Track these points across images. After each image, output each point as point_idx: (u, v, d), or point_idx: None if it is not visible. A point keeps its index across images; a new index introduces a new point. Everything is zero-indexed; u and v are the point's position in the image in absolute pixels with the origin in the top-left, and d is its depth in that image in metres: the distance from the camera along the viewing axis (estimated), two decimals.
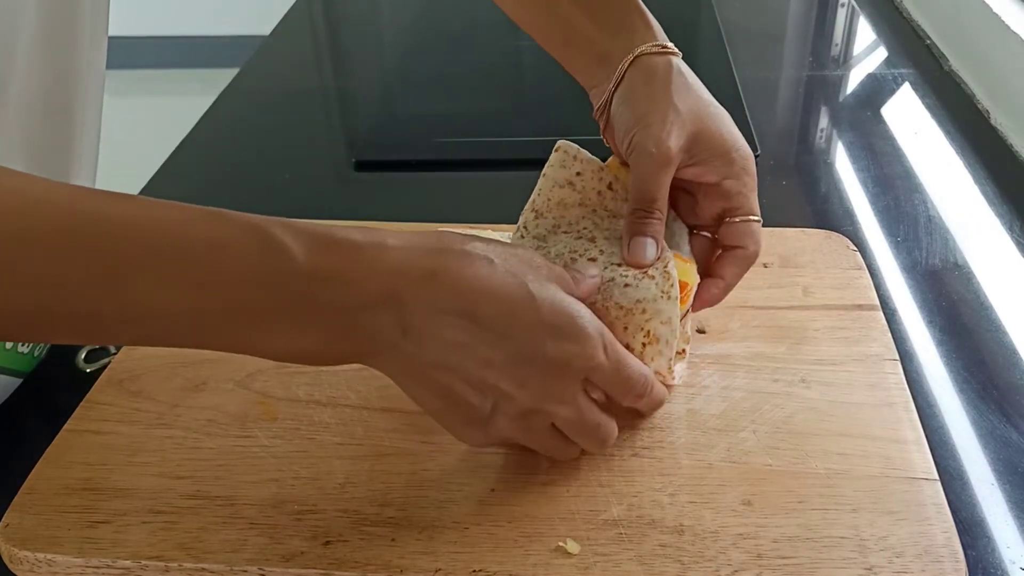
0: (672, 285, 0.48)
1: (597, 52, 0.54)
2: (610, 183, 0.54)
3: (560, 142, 0.54)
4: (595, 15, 0.55)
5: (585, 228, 0.53)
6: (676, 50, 0.54)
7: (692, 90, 0.52)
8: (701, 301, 0.53)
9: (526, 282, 0.42)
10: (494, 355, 0.41)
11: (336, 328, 0.39)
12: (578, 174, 0.54)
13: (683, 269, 0.50)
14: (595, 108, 0.55)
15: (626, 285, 0.48)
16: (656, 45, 0.53)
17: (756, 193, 0.52)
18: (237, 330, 0.39)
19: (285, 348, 0.40)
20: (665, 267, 0.49)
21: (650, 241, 0.50)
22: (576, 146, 0.54)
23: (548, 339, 0.42)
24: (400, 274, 0.40)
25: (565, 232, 0.53)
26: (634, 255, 0.50)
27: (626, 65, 0.52)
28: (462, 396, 0.42)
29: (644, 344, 0.47)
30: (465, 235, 0.43)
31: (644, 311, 0.47)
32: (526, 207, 0.54)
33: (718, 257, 0.54)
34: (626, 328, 0.48)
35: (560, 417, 0.44)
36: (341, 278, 0.39)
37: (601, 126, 0.55)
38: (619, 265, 0.49)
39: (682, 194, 0.53)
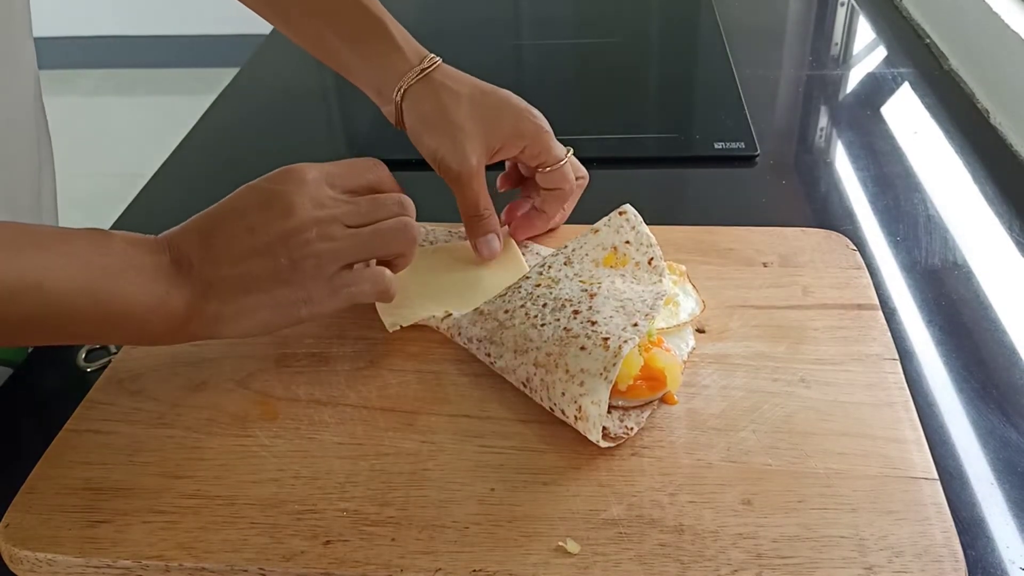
0: (615, 365, 0.47)
1: (373, 86, 0.62)
2: (651, 259, 0.54)
3: (626, 206, 0.57)
4: (358, 49, 0.61)
5: (596, 281, 0.54)
6: (432, 61, 0.59)
7: (463, 96, 0.59)
8: (527, 229, 0.63)
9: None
10: (246, 221, 0.48)
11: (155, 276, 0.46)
12: (627, 242, 0.56)
13: (670, 364, 0.50)
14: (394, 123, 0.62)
15: (582, 348, 0.49)
16: (414, 72, 0.59)
17: (555, 139, 0.60)
18: (101, 287, 0.44)
19: (139, 298, 0.45)
20: (620, 345, 0.48)
21: (492, 236, 0.59)
22: (638, 216, 0.57)
23: (263, 182, 0.50)
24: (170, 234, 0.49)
25: (580, 279, 0.55)
26: (485, 253, 0.60)
27: (399, 100, 0.59)
28: (262, 270, 0.47)
29: (576, 418, 0.47)
30: None
31: (582, 383, 0.48)
32: (558, 252, 0.57)
33: (542, 198, 0.63)
34: (563, 394, 0.48)
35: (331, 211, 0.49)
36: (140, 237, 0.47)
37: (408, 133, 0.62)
38: (593, 323, 0.50)
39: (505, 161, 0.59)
